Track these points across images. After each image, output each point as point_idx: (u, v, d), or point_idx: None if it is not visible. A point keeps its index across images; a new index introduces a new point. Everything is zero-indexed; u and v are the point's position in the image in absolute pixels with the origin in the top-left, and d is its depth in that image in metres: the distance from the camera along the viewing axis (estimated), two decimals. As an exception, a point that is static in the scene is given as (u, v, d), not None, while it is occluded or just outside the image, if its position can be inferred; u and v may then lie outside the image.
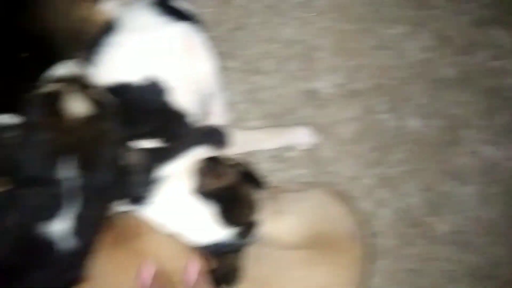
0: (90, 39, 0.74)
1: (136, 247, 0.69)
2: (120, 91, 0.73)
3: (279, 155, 0.99)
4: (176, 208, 0.74)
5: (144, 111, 0.74)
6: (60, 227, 0.62)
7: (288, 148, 0.98)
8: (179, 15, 0.82)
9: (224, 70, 0.89)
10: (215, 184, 0.73)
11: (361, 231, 0.82)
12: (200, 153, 0.79)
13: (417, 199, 1.01)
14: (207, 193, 0.73)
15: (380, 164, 1.01)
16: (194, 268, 0.67)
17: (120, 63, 0.75)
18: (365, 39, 1.05)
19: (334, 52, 1.03)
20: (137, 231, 0.70)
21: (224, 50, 0.94)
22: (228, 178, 0.75)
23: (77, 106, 0.63)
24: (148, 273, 0.65)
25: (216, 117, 0.94)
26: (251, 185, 0.78)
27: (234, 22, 1.02)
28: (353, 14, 1.05)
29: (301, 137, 0.95)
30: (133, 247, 0.69)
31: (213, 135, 0.84)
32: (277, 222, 0.80)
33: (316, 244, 0.79)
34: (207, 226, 0.73)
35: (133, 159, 0.68)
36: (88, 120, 0.63)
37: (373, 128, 1.02)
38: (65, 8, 0.74)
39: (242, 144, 0.89)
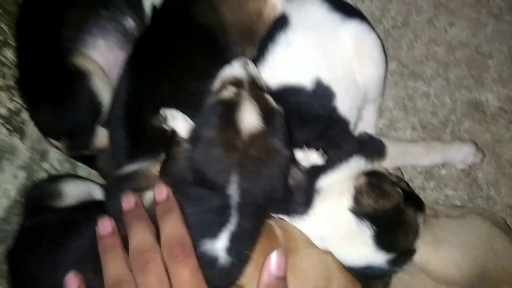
0: (261, 36, 0.70)
1: (291, 262, 0.64)
2: (288, 94, 0.68)
3: (429, 172, 0.89)
4: (332, 224, 0.68)
5: (310, 116, 0.69)
6: (222, 243, 0.58)
7: (441, 165, 0.88)
8: (350, 10, 0.75)
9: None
10: (378, 204, 0.67)
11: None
12: (358, 164, 0.73)
13: None
14: (368, 213, 0.67)
15: (549, 195, 0.87)
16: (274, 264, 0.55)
17: (289, 63, 0.70)
18: (547, 49, 0.90)
19: (508, 60, 0.89)
20: (295, 245, 0.66)
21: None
22: (392, 199, 0.67)
23: (250, 118, 0.57)
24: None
25: (367, 125, 0.86)
26: (413, 207, 0.70)
27: (395, 19, 0.92)
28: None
29: (462, 154, 0.83)
30: (289, 261, 0.64)
31: (371, 145, 0.77)
32: (435, 253, 0.72)
33: (479, 283, 0.70)
34: (361, 248, 0.68)
35: (296, 178, 0.62)
36: (259, 135, 0.57)
37: (545, 153, 0.88)
38: (239, 0, 0.70)
39: (394, 158, 0.80)
